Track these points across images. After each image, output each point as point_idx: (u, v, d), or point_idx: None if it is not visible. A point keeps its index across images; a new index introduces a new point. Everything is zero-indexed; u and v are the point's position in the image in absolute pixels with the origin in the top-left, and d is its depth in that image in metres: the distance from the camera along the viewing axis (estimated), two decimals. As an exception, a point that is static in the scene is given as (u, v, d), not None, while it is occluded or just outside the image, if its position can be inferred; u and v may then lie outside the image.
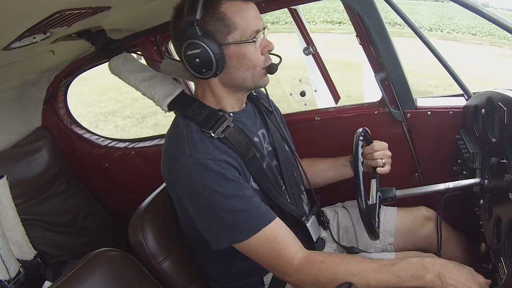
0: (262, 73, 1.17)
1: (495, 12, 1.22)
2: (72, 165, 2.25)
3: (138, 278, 1.20)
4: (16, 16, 0.85)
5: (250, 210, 1.07)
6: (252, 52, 1.13)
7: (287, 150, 1.38)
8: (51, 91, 2.12)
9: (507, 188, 1.06)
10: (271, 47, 1.16)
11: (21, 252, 1.53)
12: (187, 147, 1.10)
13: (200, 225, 1.14)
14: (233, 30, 1.10)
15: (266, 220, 1.08)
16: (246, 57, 1.12)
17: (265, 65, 1.16)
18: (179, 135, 1.15)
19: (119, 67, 1.37)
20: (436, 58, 1.61)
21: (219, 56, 1.08)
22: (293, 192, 1.33)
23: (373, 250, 1.50)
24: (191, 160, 1.08)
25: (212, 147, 1.11)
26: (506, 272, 0.99)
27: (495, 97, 1.26)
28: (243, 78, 1.15)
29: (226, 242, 1.10)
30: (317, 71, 2.22)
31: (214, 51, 1.07)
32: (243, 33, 1.10)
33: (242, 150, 1.15)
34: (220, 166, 1.07)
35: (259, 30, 1.13)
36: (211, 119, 1.15)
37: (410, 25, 1.57)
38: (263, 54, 1.15)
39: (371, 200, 1.32)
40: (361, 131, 1.43)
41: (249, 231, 1.07)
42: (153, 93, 1.30)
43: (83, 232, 2.13)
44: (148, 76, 1.35)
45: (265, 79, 1.19)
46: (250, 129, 1.25)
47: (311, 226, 1.35)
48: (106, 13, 1.14)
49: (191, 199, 1.11)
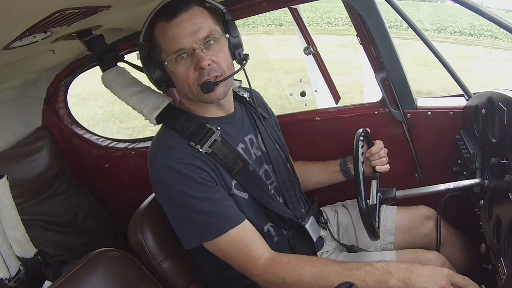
0: (199, 90, 1.15)
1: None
2: (72, 165, 2.25)
3: (138, 278, 1.20)
4: (17, 15, 0.85)
5: (218, 212, 1.12)
6: (181, 70, 1.14)
7: (280, 154, 1.39)
8: (51, 91, 2.12)
9: (507, 189, 1.06)
10: (201, 64, 1.11)
11: (22, 250, 1.53)
12: (161, 151, 1.15)
13: (173, 225, 1.19)
14: (161, 51, 1.16)
15: (234, 223, 1.13)
16: (176, 76, 1.16)
17: (199, 81, 1.13)
18: (157, 141, 1.21)
19: (111, 81, 1.40)
20: (436, 58, 1.61)
21: (163, 73, 1.19)
22: (289, 195, 1.35)
23: (373, 248, 1.50)
24: (163, 163, 1.13)
25: (187, 152, 1.15)
26: (506, 273, 0.99)
27: (495, 97, 1.26)
28: (186, 94, 1.20)
29: (195, 242, 1.15)
30: (317, 71, 2.22)
31: (151, 71, 1.18)
32: (167, 53, 1.14)
33: (230, 164, 1.19)
34: (190, 170, 1.11)
35: (181, 48, 1.11)
36: (199, 132, 1.18)
37: (410, 25, 1.57)
38: (196, 70, 1.13)
39: (371, 200, 1.31)
40: (362, 131, 1.43)
41: (217, 232, 1.11)
42: (142, 107, 1.34)
43: (83, 232, 2.13)
44: (137, 90, 1.38)
45: (208, 96, 1.16)
46: (233, 136, 1.27)
47: (310, 227, 1.36)
48: (107, 12, 1.15)
49: (165, 201, 1.18)
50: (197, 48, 1.11)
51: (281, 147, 1.41)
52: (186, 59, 1.13)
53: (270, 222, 1.28)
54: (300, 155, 1.64)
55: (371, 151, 1.45)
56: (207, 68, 1.12)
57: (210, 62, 1.12)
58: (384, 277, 1.01)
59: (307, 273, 1.08)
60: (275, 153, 1.36)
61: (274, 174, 1.33)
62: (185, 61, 1.13)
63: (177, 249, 1.32)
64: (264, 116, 1.40)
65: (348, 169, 1.54)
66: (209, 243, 1.14)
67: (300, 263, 1.11)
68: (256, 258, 1.13)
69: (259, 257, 1.13)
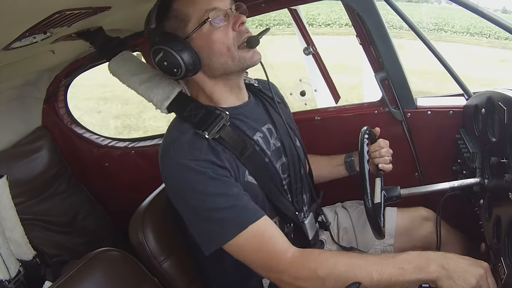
0: (242, 51, 1.10)
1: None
2: (72, 164, 2.25)
3: (138, 278, 1.19)
4: (16, 16, 0.85)
5: (236, 207, 1.04)
6: (219, 33, 1.08)
7: (297, 145, 1.33)
8: (51, 91, 2.12)
9: (507, 188, 1.06)
10: (242, 19, 1.09)
11: (20, 252, 1.53)
12: (172, 148, 1.10)
13: (191, 230, 1.12)
14: (188, 20, 1.08)
15: (254, 217, 1.05)
16: (213, 41, 1.08)
17: (240, 41, 1.09)
18: (169, 137, 1.15)
19: (118, 69, 1.35)
20: (436, 58, 1.61)
21: (184, 52, 1.08)
22: (296, 187, 1.29)
23: (373, 251, 1.50)
24: (175, 162, 1.07)
25: (199, 148, 1.09)
26: (506, 272, 0.99)
27: (495, 96, 1.26)
28: (223, 64, 1.11)
29: (216, 244, 1.06)
30: (317, 71, 2.22)
31: (176, 48, 1.07)
32: (198, 18, 1.07)
33: (239, 149, 1.12)
34: (203, 166, 1.05)
35: (214, 8, 1.07)
36: (208, 119, 1.13)
37: (410, 26, 1.58)
38: (234, 30, 1.09)
39: (376, 198, 1.31)
40: (366, 129, 1.43)
41: (237, 228, 1.03)
42: (151, 96, 1.28)
43: (83, 232, 2.13)
44: (146, 77, 1.32)
45: (251, 56, 1.11)
46: (250, 125, 1.21)
47: (308, 223, 1.33)
48: (106, 13, 1.15)
49: (178, 201, 1.11)
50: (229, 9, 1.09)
51: (299, 138, 1.36)
52: (215, 21, 1.07)
53: (278, 215, 1.24)
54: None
55: (370, 148, 1.45)
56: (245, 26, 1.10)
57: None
58: (423, 263, 0.94)
59: (342, 262, 0.99)
60: (290, 143, 1.29)
61: (288, 167, 1.27)
62: (218, 23, 1.07)
63: (178, 249, 1.32)
64: (277, 101, 1.33)
65: (352, 161, 1.52)
66: (229, 245, 1.04)
67: (334, 254, 1.03)
68: (283, 251, 1.03)
69: (286, 250, 1.03)
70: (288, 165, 1.26)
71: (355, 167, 1.53)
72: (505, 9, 22.98)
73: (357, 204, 1.62)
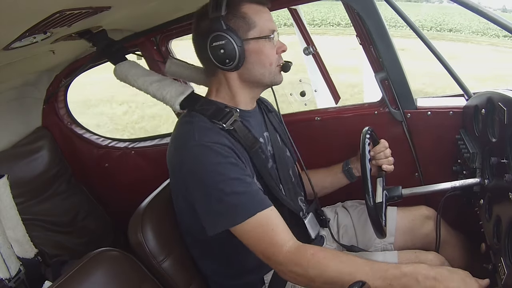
0: (277, 70, 1.26)
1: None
2: (72, 165, 2.26)
3: (138, 277, 1.20)
4: (16, 16, 0.85)
5: (248, 194, 1.10)
6: (269, 49, 1.22)
7: (287, 155, 1.42)
8: (51, 91, 2.12)
9: (507, 188, 1.06)
10: (284, 48, 1.27)
11: (22, 251, 1.53)
12: (196, 132, 1.15)
13: (200, 209, 1.15)
14: (253, 28, 1.20)
15: (263, 205, 1.11)
16: (263, 53, 1.21)
17: (279, 63, 1.26)
18: (189, 123, 1.20)
19: (125, 71, 1.38)
20: (436, 58, 1.61)
21: (241, 49, 1.17)
22: (288, 187, 1.35)
23: (373, 249, 1.50)
24: (200, 143, 1.12)
25: (221, 135, 1.16)
26: (506, 272, 0.99)
27: (495, 97, 1.26)
28: (261, 73, 1.24)
29: (222, 225, 1.11)
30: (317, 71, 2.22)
31: (237, 43, 1.16)
32: (262, 30, 1.21)
33: (249, 143, 1.20)
34: (226, 150, 1.12)
35: (275, 30, 1.24)
36: (219, 113, 1.20)
37: (410, 26, 1.58)
38: (277, 53, 1.25)
39: (378, 198, 1.32)
40: (367, 129, 1.43)
41: (245, 213, 1.09)
42: (164, 93, 1.33)
43: (83, 232, 2.13)
44: (157, 79, 1.37)
45: (280, 77, 1.28)
46: (256, 129, 1.30)
47: (308, 223, 1.36)
48: (106, 13, 1.15)
49: (194, 183, 1.13)
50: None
51: (289, 149, 1.44)
52: (272, 41, 1.22)
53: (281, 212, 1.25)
54: (300, 155, 1.64)
55: (376, 149, 1.46)
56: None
57: None
58: (411, 284, 0.98)
59: (333, 268, 1.04)
60: (280, 152, 1.38)
61: (277, 173, 1.33)
62: (272, 42, 1.23)
63: (177, 249, 1.32)
64: (270, 110, 1.46)
65: (350, 169, 1.54)
66: (234, 228, 1.11)
67: (326, 256, 1.07)
68: (280, 245, 1.08)
69: (284, 243, 1.09)
70: (277, 170, 1.34)
71: (355, 174, 1.55)
72: (505, 8, 22.97)
73: (357, 203, 1.63)
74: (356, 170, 1.54)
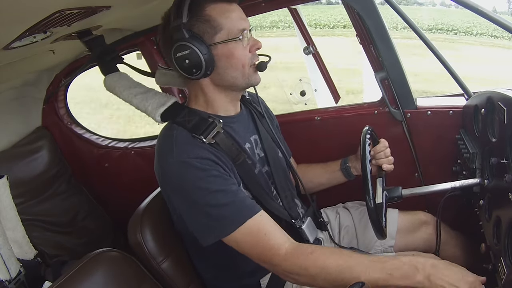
0: (252, 71, 1.20)
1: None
2: (72, 165, 2.25)
3: (138, 278, 1.20)
4: (16, 15, 0.85)
5: (235, 204, 1.10)
6: (240, 50, 1.16)
7: (279, 156, 1.39)
8: (51, 90, 2.12)
9: (507, 188, 1.06)
10: (258, 45, 1.20)
11: (22, 252, 1.53)
12: (175, 146, 1.13)
13: (189, 223, 1.16)
14: (219, 31, 1.14)
15: (251, 212, 1.10)
16: (234, 56, 1.16)
17: (253, 62, 1.19)
18: (169, 136, 1.17)
19: (114, 83, 1.39)
20: (437, 58, 1.61)
21: (208, 56, 1.12)
22: (285, 195, 1.34)
23: (374, 251, 1.50)
24: (179, 159, 1.11)
25: (200, 148, 1.13)
26: (506, 272, 0.99)
27: (495, 97, 1.26)
28: (233, 77, 1.18)
29: (213, 237, 1.11)
30: (317, 70, 2.22)
31: (202, 51, 1.10)
32: (229, 32, 1.14)
33: (233, 155, 1.18)
34: (206, 163, 1.10)
35: (245, 29, 1.16)
36: (202, 125, 1.17)
37: (411, 26, 1.57)
38: (251, 52, 1.19)
39: (378, 199, 1.31)
40: (368, 129, 1.42)
41: (234, 224, 1.08)
42: (146, 105, 1.31)
43: (83, 232, 2.13)
44: (142, 91, 1.37)
45: (256, 77, 1.22)
46: (241, 135, 1.27)
47: (307, 228, 1.35)
48: (106, 12, 1.14)
49: (179, 198, 1.14)
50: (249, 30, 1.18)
51: (280, 149, 1.41)
52: (243, 41, 1.16)
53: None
54: (300, 154, 1.64)
55: (376, 149, 1.45)
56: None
57: None
58: (410, 272, 0.99)
59: (332, 264, 1.04)
60: (274, 154, 1.36)
61: (272, 175, 1.33)
62: (242, 43, 1.16)
63: (176, 250, 1.32)
64: (263, 114, 1.39)
65: (348, 168, 1.53)
66: (227, 238, 1.10)
67: (325, 253, 1.08)
68: (276, 248, 1.08)
69: (279, 247, 1.08)
70: (271, 173, 1.33)
71: (352, 172, 1.54)
72: (496, 10, 22.86)
73: (358, 204, 1.63)
74: (355, 169, 1.52)
